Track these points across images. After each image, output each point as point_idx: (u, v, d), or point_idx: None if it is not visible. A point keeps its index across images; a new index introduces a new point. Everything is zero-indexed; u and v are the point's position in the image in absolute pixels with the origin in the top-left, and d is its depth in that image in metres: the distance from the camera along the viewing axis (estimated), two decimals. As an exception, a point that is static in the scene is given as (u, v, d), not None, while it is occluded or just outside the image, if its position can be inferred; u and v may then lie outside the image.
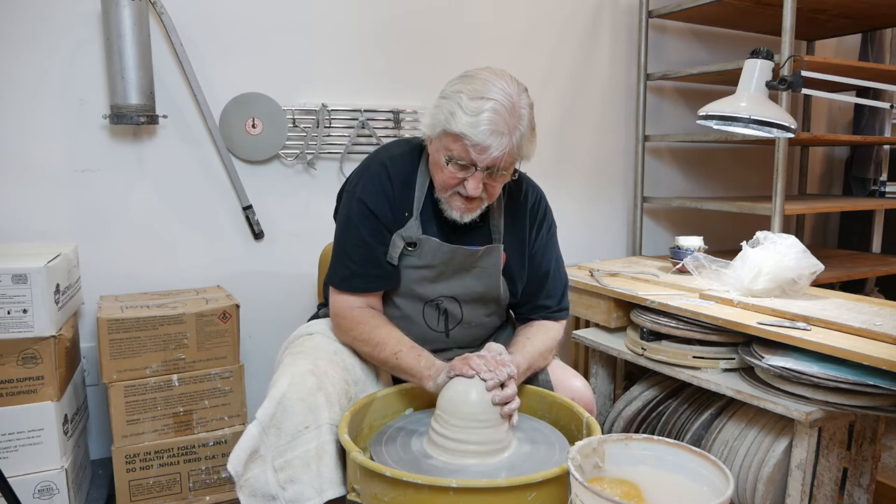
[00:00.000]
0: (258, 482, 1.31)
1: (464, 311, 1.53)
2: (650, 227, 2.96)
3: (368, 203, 1.44)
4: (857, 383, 1.46)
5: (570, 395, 1.50)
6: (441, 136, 1.34)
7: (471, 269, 1.49)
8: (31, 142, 1.97)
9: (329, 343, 1.48)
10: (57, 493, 1.68)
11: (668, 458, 1.09)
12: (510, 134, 1.29)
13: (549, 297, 1.58)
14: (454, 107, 1.29)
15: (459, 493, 1.07)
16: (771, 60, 1.62)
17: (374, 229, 1.44)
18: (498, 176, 1.36)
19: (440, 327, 1.53)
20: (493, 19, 2.52)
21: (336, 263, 1.49)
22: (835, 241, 3.50)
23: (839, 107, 3.46)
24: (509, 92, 1.30)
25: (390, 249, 1.44)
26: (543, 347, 1.51)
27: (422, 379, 1.36)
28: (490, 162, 1.31)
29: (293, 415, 1.30)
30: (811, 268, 1.82)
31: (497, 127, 1.28)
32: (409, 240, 1.44)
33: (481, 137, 1.27)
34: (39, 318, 1.62)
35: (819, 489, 1.63)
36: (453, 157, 1.33)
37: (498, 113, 1.27)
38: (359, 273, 1.45)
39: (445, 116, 1.31)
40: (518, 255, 1.55)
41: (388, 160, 1.48)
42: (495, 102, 1.28)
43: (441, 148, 1.35)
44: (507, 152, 1.30)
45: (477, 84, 1.30)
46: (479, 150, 1.29)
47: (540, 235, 1.57)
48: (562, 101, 2.72)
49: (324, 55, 2.28)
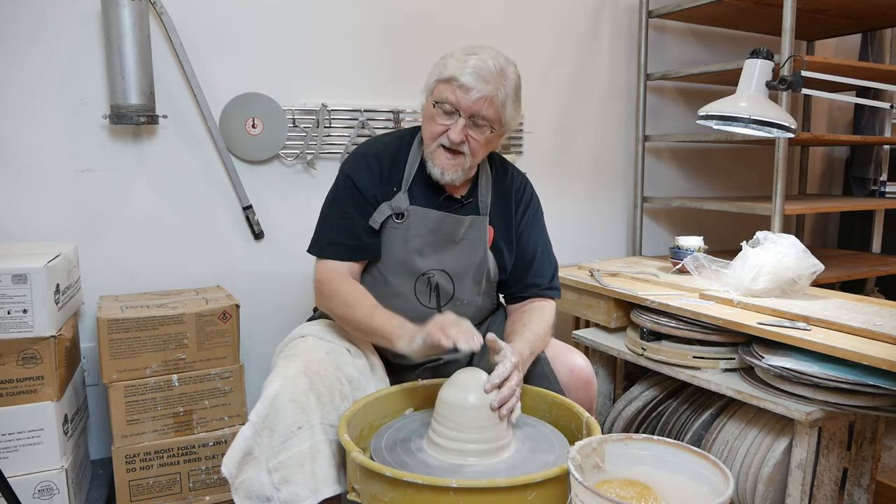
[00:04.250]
0: (253, 484, 1.31)
1: (455, 285, 1.56)
2: (650, 227, 2.96)
3: (354, 178, 1.53)
4: (857, 383, 1.46)
5: (569, 368, 1.52)
6: (434, 86, 1.46)
7: (459, 241, 1.55)
8: (31, 142, 1.97)
9: (321, 344, 1.48)
10: (57, 493, 1.68)
11: (668, 458, 1.09)
12: (494, 84, 1.41)
13: (539, 276, 1.62)
14: (447, 58, 1.45)
15: (459, 493, 1.07)
16: (771, 60, 1.62)
17: (357, 203, 1.52)
18: (479, 130, 1.45)
19: (432, 303, 1.56)
20: (494, 19, 2.53)
21: (318, 233, 1.57)
22: (835, 241, 3.50)
23: (839, 107, 3.46)
24: (498, 59, 1.44)
25: (375, 214, 1.52)
26: (541, 331, 1.52)
27: (392, 339, 1.36)
28: (472, 105, 1.41)
29: (285, 416, 1.31)
30: (811, 268, 1.82)
31: (482, 73, 1.40)
32: (397, 210, 1.52)
33: (466, 78, 1.40)
34: (39, 318, 1.62)
35: (819, 489, 1.63)
36: (440, 99, 1.44)
37: (485, 63, 1.41)
38: (339, 242, 1.52)
39: (439, 68, 1.45)
40: (505, 233, 1.61)
41: (380, 143, 1.60)
42: (484, 56, 1.42)
43: (432, 99, 1.46)
44: (489, 100, 1.41)
45: (471, 46, 1.46)
46: (463, 89, 1.40)
47: (526, 216, 1.64)
48: (562, 101, 2.72)
49: (324, 55, 2.28)
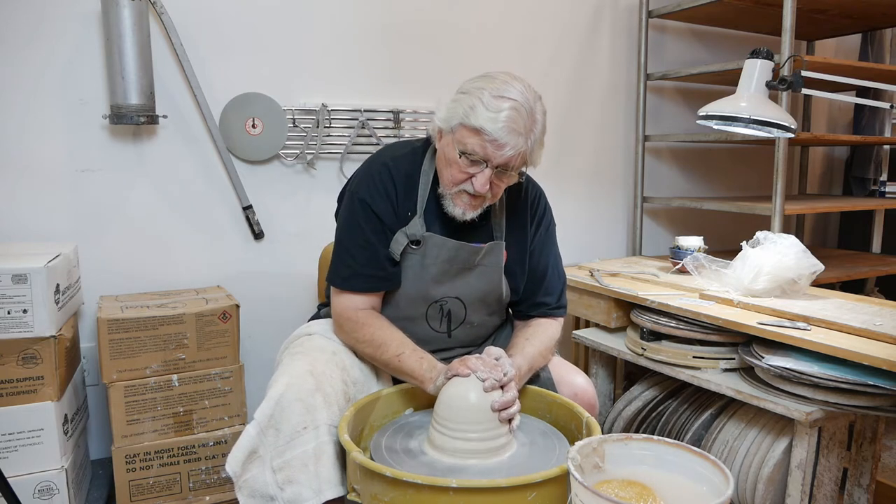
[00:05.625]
0: (257, 483, 1.31)
1: (468, 311, 1.53)
2: (650, 227, 2.96)
3: (371, 204, 1.44)
4: (857, 383, 1.46)
5: (571, 390, 1.50)
6: (457, 128, 1.35)
7: (474, 267, 1.50)
8: (32, 142, 1.97)
9: (328, 343, 1.48)
10: (57, 493, 1.68)
11: (668, 458, 1.09)
12: (526, 135, 1.32)
13: (548, 295, 1.59)
14: (475, 101, 1.32)
15: (459, 493, 1.07)
16: (771, 60, 1.62)
17: (376, 230, 1.44)
18: (505, 176, 1.38)
19: (442, 328, 1.53)
20: (494, 19, 2.52)
21: (338, 263, 1.48)
22: (835, 241, 3.50)
23: (839, 107, 3.45)
24: (527, 96, 1.33)
25: (392, 245, 1.45)
26: (543, 347, 1.51)
27: (423, 382, 1.37)
28: (503, 160, 1.33)
29: (291, 415, 1.30)
30: (811, 268, 1.82)
31: (515, 126, 1.30)
32: (413, 237, 1.45)
33: (500, 133, 1.30)
34: (39, 318, 1.62)
35: (819, 489, 1.63)
36: (467, 150, 1.34)
37: (518, 112, 1.30)
38: (361, 273, 1.45)
39: (465, 110, 1.33)
40: (519, 253, 1.56)
41: (391, 161, 1.48)
42: (516, 103, 1.31)
43: (454, 142, 1.36)
44: (520, 153, 1.33)
45: (498, 84, 1.33)
46: (496, 145, 1.31)
47: (539, 232, 1.59)
48: (562, 101, 2.72)
49: (324, 55, 2.28)
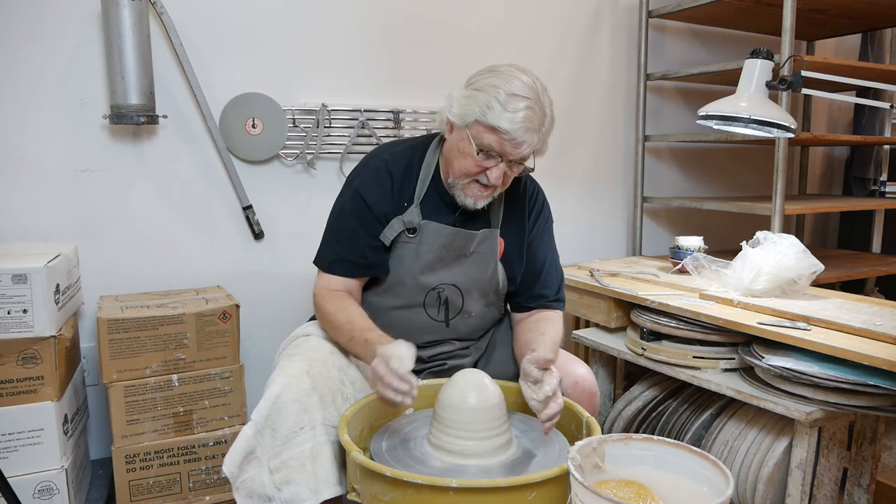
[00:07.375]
0: (254, 483, 1.31)
1: (464, 299, 1.56)
2: (650, 227, 2.96)
3: (364, 194, 1.50)
4: (857, 383, 1.46)
5: (572, 380, 1.51)
6: (472, 125, 1.40)
7: (470, 254, 1.53)
8: (31, 142, 1.97)
9: (325, 344, 1.49)
10: (57, 493, 1.68)
11: (668, 458, 1.09)
12: (539, 130, 1.39)
13: (547, 287, 1.61)
14: (491, 100, 1.36)
15: (459, 493, 1.07)
16: (771, 60, 1.62)
17: (364, 220, 1.50)
18: (517, 167, 1.45)
19: (440, 317, 1.55)
20: (494, 19, 2.52)
21: (324, 246, 1.56)
22: (835, 241, 3.50)
23: (839, 107, 3.45)
24: (537, 91, 1.38)
25: (386, 230, 1.50)
26: (557, 339, 1.52)
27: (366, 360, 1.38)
28: (520, 156, 1.40)
29: (288, 416, 1.30)
30: (811, 268, 1.82)
31: (532, 124, 1.36)
32: (410, 225, 1.49)
33: (518, 133, 1.36)
34: (39, 318, 1.62)
35: (819, 489, 1.63)
36: (484, 146, 1.39)
37: (533, 111, 1.36)
38: (344, 258, 1.52)
39: (481, 108, 1.37)
40: (516, 244, 1.59)
41: (390, 156, 1.54)
42: (531, 101, 1.36)
43: (468, 137, 1.40)
44: (535, 148, 1.41)
45: (511, 81, 1.37)
46: (514, 144, 1.37)
47: (537, 225, 1.63)
48: (562, 101, 2.68)
49: (324, 55, 2.28)
